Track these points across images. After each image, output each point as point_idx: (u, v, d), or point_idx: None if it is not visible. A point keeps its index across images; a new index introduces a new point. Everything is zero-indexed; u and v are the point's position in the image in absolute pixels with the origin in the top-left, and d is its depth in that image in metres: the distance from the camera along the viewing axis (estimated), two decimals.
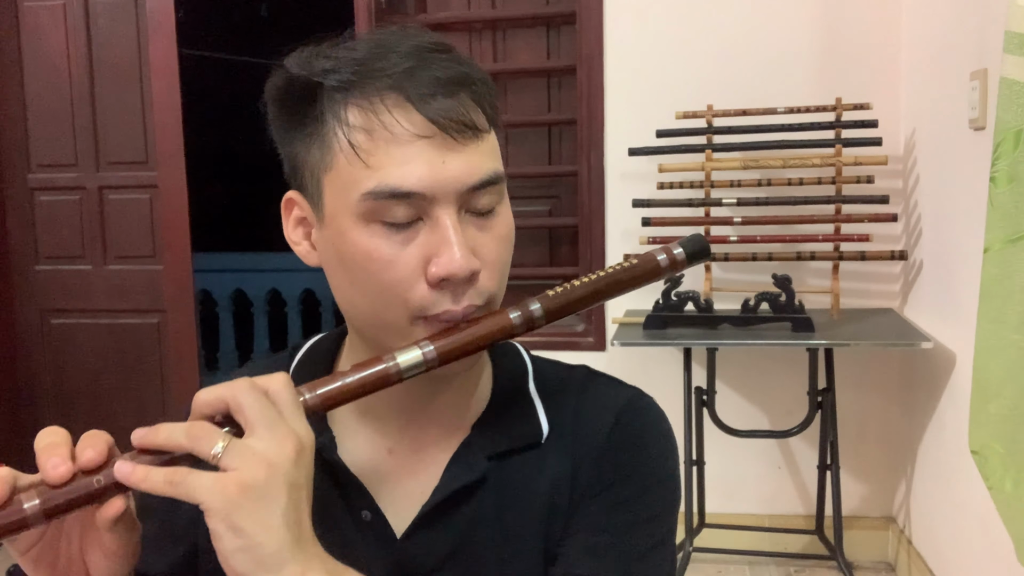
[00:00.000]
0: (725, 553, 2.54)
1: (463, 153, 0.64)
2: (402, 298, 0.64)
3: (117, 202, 3.11)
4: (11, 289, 3.18)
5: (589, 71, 2.67)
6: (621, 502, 0.71)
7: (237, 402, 0.57)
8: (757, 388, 2.67)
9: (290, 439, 0.57)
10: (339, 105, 0.64)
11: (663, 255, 0.68)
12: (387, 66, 0.63)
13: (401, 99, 0.63)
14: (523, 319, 0.65)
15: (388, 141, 0.62)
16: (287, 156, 0.70)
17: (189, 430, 0.57)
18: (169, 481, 0.55)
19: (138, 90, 3.02)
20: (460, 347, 0.64)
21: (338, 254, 0.66)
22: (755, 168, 2.44)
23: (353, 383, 0.62)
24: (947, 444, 2.16)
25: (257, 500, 0.54)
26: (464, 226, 0.64)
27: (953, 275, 2.10)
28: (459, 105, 0.64)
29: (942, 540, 2.22)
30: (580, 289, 0.67)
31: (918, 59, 2.40)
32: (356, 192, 0.63)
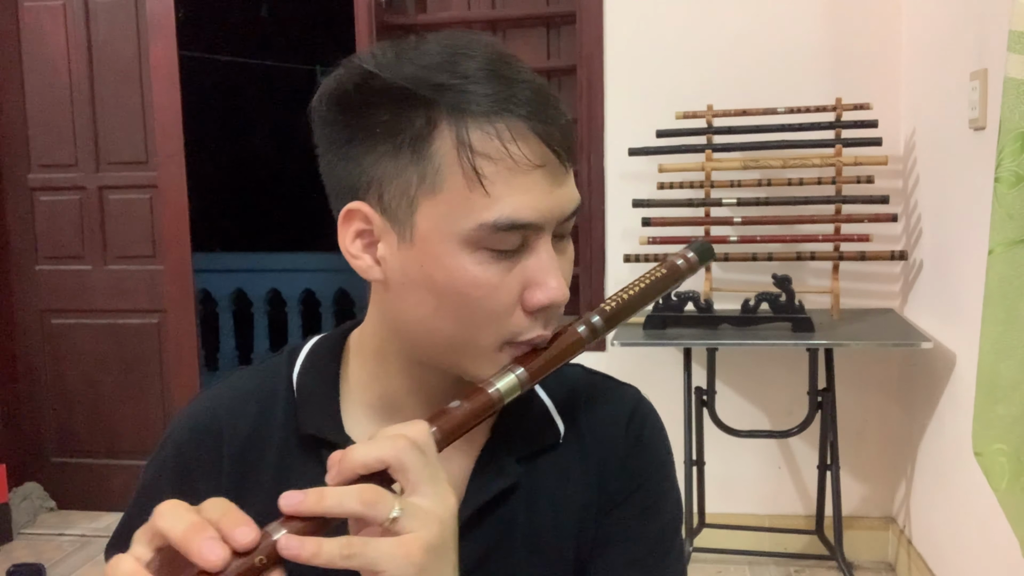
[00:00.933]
0: (725, 553, 2.54)
1: (566, 183, 0.65)
2: (500, 325, 0.64)
3: (117, 202, 3.11)
4: (11, 289, 3.18)
5: (589, 71, 2.67)
6: (648, 508, 0.74)
7: (401, 463, 0.55)
8: (757, 388, 2.67)
9: (449, 491, 0.57)
10: (458, 126, 0.61)
11: (681, 260, 0.71)
12: (495, 87, 0.62)
13: (521, 125, 0.61)
14: (588, 331, 0.68)
15: (511, 170, 0.61)
16: (358, 165, 0.65)
17: (361, 495, 0.54)
18: (346, 555, 0.52)
19: (138, 90, 3.02)
20: (545, 367, 0.66)
21: (427, 278, 0.64)
22: (755, 168, 2.44)
23: (467, 415, 0.62)
24: (947, 444, 2.16)
25: (439, 559, 0.55)
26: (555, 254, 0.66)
27: (953, 275, 2.10)
28: (561, 131, 0.64)
29: (942, 540, 2.22)
30: (630, 300, 0.70)
31: (918, 59, 2.41)
32: (472, 220, 0.61)
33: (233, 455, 0.73)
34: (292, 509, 0.54)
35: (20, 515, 3.06)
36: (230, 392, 0.78)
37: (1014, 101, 1.31)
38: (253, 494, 0.71)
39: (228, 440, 0.73)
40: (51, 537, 3.01)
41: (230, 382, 0.80)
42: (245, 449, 0.73)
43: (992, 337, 1.36)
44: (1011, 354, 1.33)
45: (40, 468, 3.21)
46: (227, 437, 0.73)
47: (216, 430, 0.74)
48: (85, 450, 3.18)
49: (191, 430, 0.75)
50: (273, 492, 0.69)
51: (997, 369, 1.35)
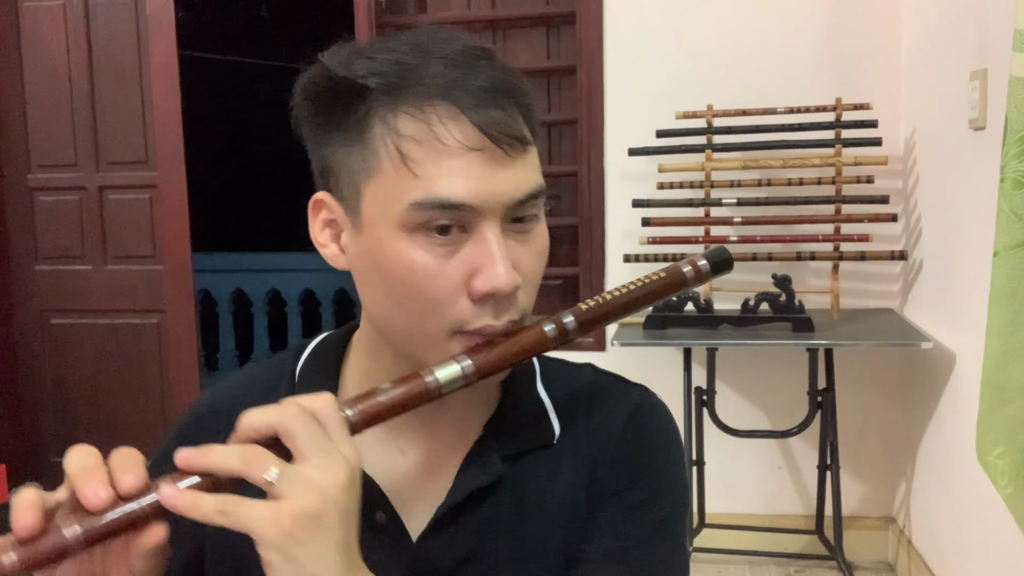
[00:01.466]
0: (725, 553, 2.54)
1: (511, 167, 0.63)
2: (443, 312, 0.63)
3: (117, 202, 3.11)
4: (11, 289, 3.18)
5: (589, 71, 2.67)
6: (638, 505, 0.71)
7: (287, 428, 0.56)
8: (757, 388, 2.67)
9: (342, 466, 0.56)
10: (388, 111, 0.63)
11: (688, 267, 0.68)
12: (436, 72, 0.62)
13: (453, 109, 0.62)
14: (557, 332, 0.65)
15: (439, 152, 0.61)
16: (319, 156, 0.68)
17: (242, 454, 0.55)
18: (220, 510, 0.54)
19: (138, 90, 3.02)
20: (497, 362, 0.64)
21: (375, 263, 0.65)
22: (755, 168, 2.44)
23: (394, 400, 0.61)
24: (947, 444, 2.16)
25: (312, 530, 0.54)
26: (505, 240, 0.64)
27: (953, 275, 2.10)
28: (509, 117, 0.63)
29: (942, 540, 2.22)
30: (612, 302, 0.67)
31: (918, 59, 2.40)
32: (402, 202, 0.62)
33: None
34: (182, 462, 0.55)
35: None
36: (238, 381, 0.80)
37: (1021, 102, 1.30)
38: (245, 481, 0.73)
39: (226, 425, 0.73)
40: None
41: (241, 372, 0.82)
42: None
43: (1000, 339, 1.35)
44: (1020, 356, 1.33)
45: (40, 468, 3.21)
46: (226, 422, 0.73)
47: (216, 416, 0.75)
48: None
49: (195, 415, 0.78)
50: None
51: (1006, 371, 1.34)
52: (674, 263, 0.69)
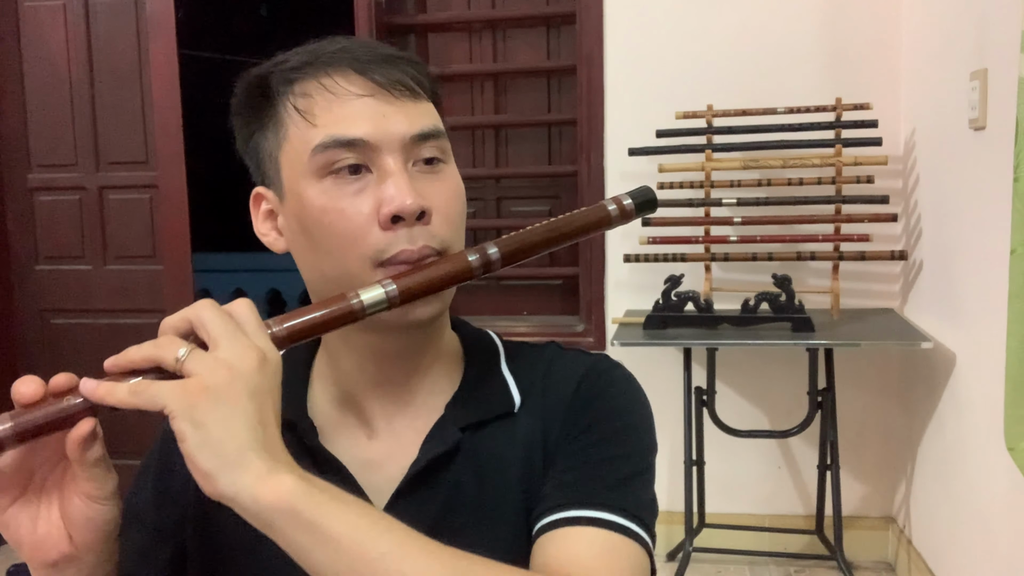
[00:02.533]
0: (725, 553, 2.54)
1: (403, 108, 0.69)
2: (359, 245, 0.67)
3: (117, 202, 3.11)
4: (11, 289, 3.18)
5: (589, 71, 2.67)
6: (590, 445, 0.72)
7: (200, 319, 0.59)
8: (757, 388, 2.67)
9: (252, 350, 0.58)
10: (286, 84, 0.70)
11: (613, 205, 0.71)
12: (332, 48, 0.70)
13: (344, 68, 0.69)
14: (481, 261, 0.67)
15: (331, 101, 0.68)
16: (251, 156, 0.74)
17: (155, 343, 0.59)
18: (133, 392, 0.58)
19: (138, 90, 3.02)
20: (421, 285, 0.66)
21: (299, 222, 0.70)
22: (755, 168, 2.44)
23: (318, 317, 0.64)
24: (947, 444, 2.16)
25: (218, 400, 0.56)
26: (412, 177, 0.68)
27: (953, 275, 2.10)
28: (396, 70, 0.70)
29: (942, 540, 2.22)
30: (535, 233, 0.69)
31: (918, 59, 2.40)
32: (306, 151, 0.68)
33: None
34: (108, 366, 0.60)
35: None
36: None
37: None
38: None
39: None
40: None
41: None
42: None
43: (1020, 335, 1.36)
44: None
45: None
46: None
47: None
48: None
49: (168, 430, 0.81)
50: None
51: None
52: (600, 201, 0.71)
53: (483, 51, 2.89)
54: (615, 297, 2.71)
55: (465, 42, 2.89)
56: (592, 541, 0.66)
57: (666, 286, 2.33)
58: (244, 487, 0.55)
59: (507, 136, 2.91)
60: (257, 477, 0.55)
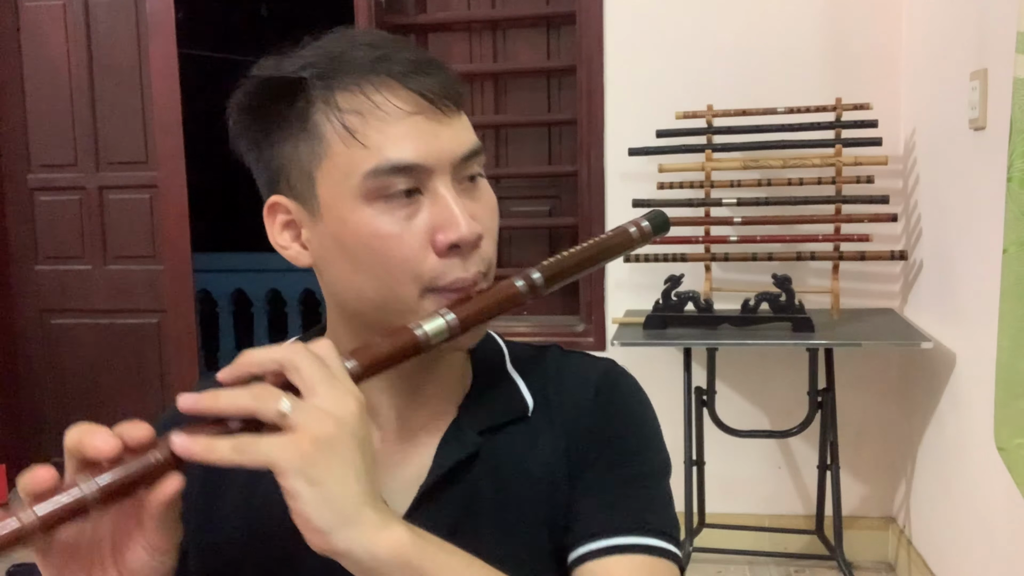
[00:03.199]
0: (725, 553, 2.54)
1: (451, 126, 0.67)
2: (413, 271, 0.66)
3: (117, 202, 3.11)
4: (11, 289, 3.18)
5: (589, 71, 2.67)
6: (616, 462, 0.73)
7: (293, 364, 0.56)
8: (757, 388, 2.67)
9: (350, 396, 0.57)
10: (327, 93, 0.66)
11: (633, 227, 0.72)
12: (364, 53, 0.66)
13: (387, 79, 0.65)
14: (527, 286, 0.68)
15: (382, 120, 0.65)
16: (265, 163, 0.70)
17: (252, 391, 0.56)
18: (238, 450, 0.54)
19: (138, 90, 3.02)
20: (477, 313, 0.66)
21: (339, 243, 0.67)
22: (755, 168, 2.44)
23: (386, 352, 0.62)
24: (947, 444, 2.16)
25: (330, 454, 0.54)
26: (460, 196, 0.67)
27: (953, 275, 2.10)
28: (439, 81, 0.67)
29: (942, 540, 2.22)
30: (572, 257, 0.70)
31: (918, 59, 2.41)
32: (357, 174, 0.65)
33: None
34: (188, 406, 0.56)
35: None
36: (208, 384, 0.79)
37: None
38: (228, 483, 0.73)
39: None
40: None
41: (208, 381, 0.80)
42: None
43: (1011, 334, 1.37)
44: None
45: None
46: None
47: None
48: None
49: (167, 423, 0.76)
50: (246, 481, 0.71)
51: (1017, 365, 1.36)
52: (620, 226, 0.73)
53: (483, 51, 2.89)
54: (615, 297, 2.71)
55: (465, 42, 2.89)
56: (636, 569, 0.68)
57: (666, 286, 2.33)
58: (361, 542, 0.54)
59: (507, 136, 2.91)
60: (373, 531, 0.55)
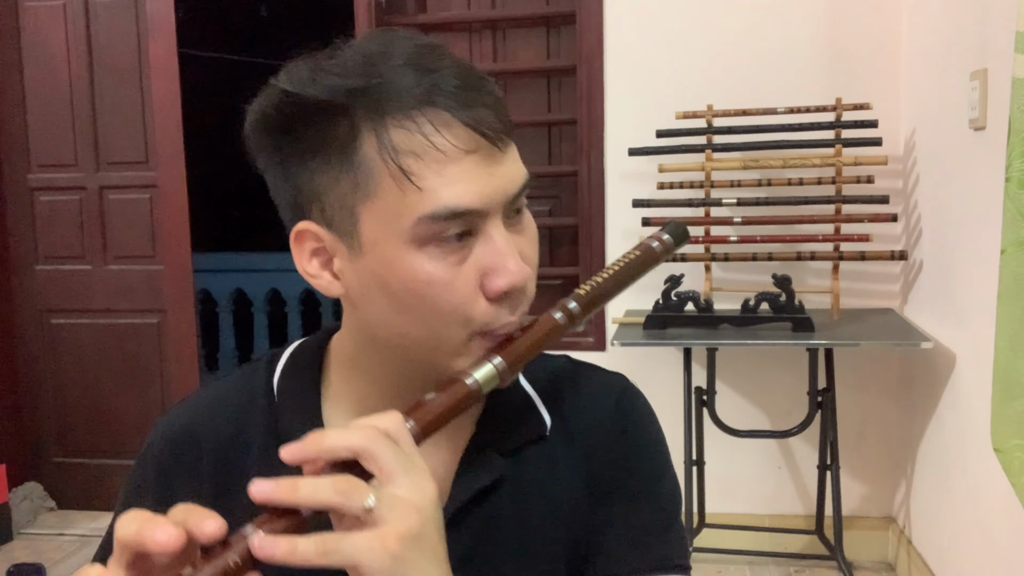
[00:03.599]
0: (725, 553, 2.54)
1: (504, 162, 0.64)
2: (463, 317, 0.63)
3: (117, 202, 3.11)
4: (11, 289, 3.18)
5: (589, 71, 2.67)
6: (642, 491, 0.74)
7: (370, 451, 0.54)
8: (757, 388, 2.67)
9: (427, 481, 0.55)
10: (376, 128, 0.61)
11: (656, 243, 0.72)
12: (411, 79, 0.61)
13: (441, 113, 0.61)
14: (566, 318, 0.66)
15: (439, 161, 0.60)
16: (294, 185, 0.65)
17: (335, 485, 0.52)
18: (321, 551, 0.51)
19: (138, 90, 3.02)
20: (523, 355, 0.64)
21: (382, 283, 0.63)
22: (755, 168, 2.44)
23: (445, 407, 0.61)
24: (947, 444, 2.16)
25: (417, 550, 0.53)
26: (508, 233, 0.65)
27: (953, 275, 2.10)
28: (492, 112, 0.63)
29: (942, 540, 2.22)
30: (606, 283, 0.69)
31: (918, 59, 2.40)
32: (409, 217, 0.61)
33: (213, 461, 0.72)
34: (264, 497, 0.52)
35: (20, 515, 3.06)
36: (206, 400, 0.76)
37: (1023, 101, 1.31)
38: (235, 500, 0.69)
39: (207, 447, 0.72)
40: (51, 537, 3.01)
41: (207, 389, 0.78)
42: (225, 455, 0.72)
43: (1008, 335, 1.36)
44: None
45: (40, 468, 3.21)
46: (205, 443, 0.72)
47: (194, 438, 0.73)
48: (85, 450, 3.18)
49: (169, 440, 0.74)
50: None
51: (1015, 366, 1.36)
52: (642, 242, 0.72)
53: (483, 51, 2.89)
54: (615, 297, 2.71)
55: (465, 42, 2.89)
56: None
57: (666, 286, 2.33)
58: None
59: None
60: None
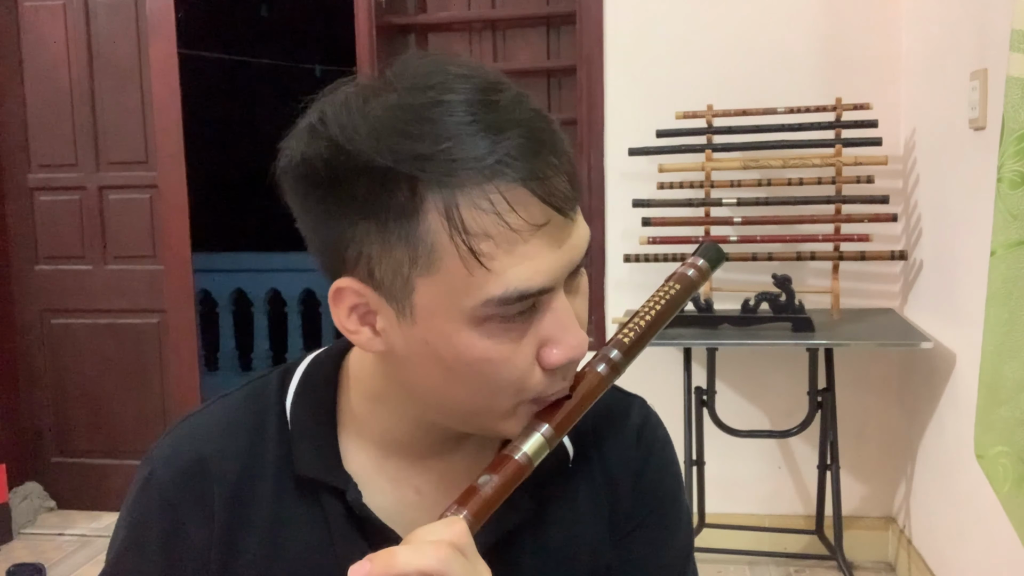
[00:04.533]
0: (725, 553, 2.54)
1: (573, 231, 0.60)
2: (517, 388, 0.61)
3: (117, 202, 3.11)
4: (11, 289, 3.18)
5: (589, 71, 2.67)
6: (668, 525, 0.74)
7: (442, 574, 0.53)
8: (757, 388, 2.67)
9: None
10: (447, 204, 0.55)
11: (692, 270, 0.69)
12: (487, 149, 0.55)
13: (519, 190, 0.55)
14: (609, 370, 0.65)
15: (511, 241, 0.56)
16: (337, 241, 0.60)
17: None
18: None
19: (138, 90, 3.02)
20: (570, 418, 0.63)
21: (434, 353, 0.60)
22: (755, 168, 2.44)
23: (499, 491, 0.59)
24: (947, 444, 2.16)
25: None
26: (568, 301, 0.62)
27: (953, 275, 2.10)
28: (562, 179, 0.58)
29: (942, 540, 2.22)
30: (646, 327, 0.67)
31: (918, 59, 2.40)
32: (475, 299, 0.57)
33: (225, 496, 0.68)
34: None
35: (20, 515, 3.06)
36: (215, 424, 0.71)
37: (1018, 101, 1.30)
38: (247, 535, 0.68)
39: (217, 479, 0.68)
40: (51, 537, 3.01)
41: (214, 410, 0.73)
42: (237, 489, 0.68)
43: (996, 339, 1.35)
44: (1015, 355, 1.32)
45: (40, 468, 3.21)
46: (215, 475, 0.68)
47: (203, 469, 0.68)
48: (85, 450, 3.18)
49: (175, 471, 0.69)
50: (268, 534, 0.67)
51: (1001, 371, 1.35)
52: (677, 271, 0.69)
53: (483, 51, 2.89)
54: (615, 297, 2.71)
55: (465, 42, 2.89)
56: None
57: None
58: None
59: None
60: None
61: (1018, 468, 1.35)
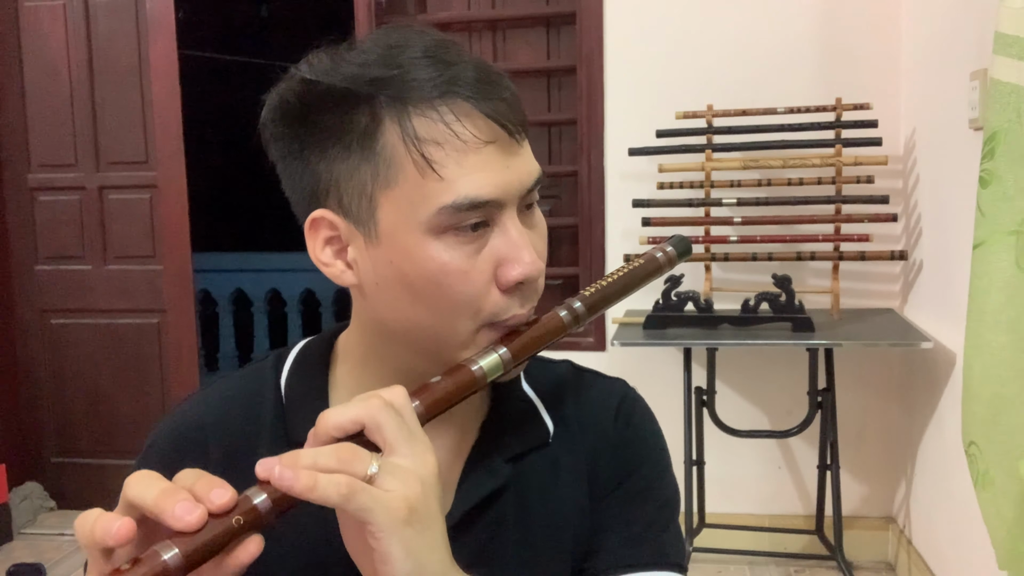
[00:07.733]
0: (725, 553, 2.54)
1: (519, 154, 0.65)
2: (475, 307, 0.64)
3: (117, 202, 3.11)
4: (11, 289, 3.18)
5: (589, 71, 2.67)
6: (641, 491, 0.75)
7: (376, 422, 0.55)
8: (757, 388, 2.67)
9: (429, 453, 0.56)
10: (399, 117, 0.62)
11: (660, 253, 0.74)
12: (432, 71, 0.62)
13: (461, 103, 0.62)
14: (571, 317, 0.68)
15: (460, 151, 0.62)
16: (312, 174, 0.65)
17: (337, 453, 0.54)
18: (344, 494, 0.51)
19: (138, 90, 3.02)
20: (528, 347, 0.66)
21: (398, 272, 0.64)
22: (755, 168, 2.44)
23: (449, 391, 0.62)
24: (947, 444, 2.16)
25: (420, 520, 0.54)
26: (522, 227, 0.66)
27: (953, 275, 2.10)
28: (510, 105, 0.64)
29: (942, 540, 2.22)
30: (610, 287, 0.70)
31: (918, 59, 2.41)
32: (430, 207, 0.62)
33: (220, 462, 0.70)
34: (267, 472, 0.53)
35: (20, 515, 3.06)
36: (214, 397, 0.76)
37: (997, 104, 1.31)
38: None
39: (214, 446, 0.72)
40: (51, 537, 3.01)
41: (213, 387, 0.78)
42: (232, 455, 0.71)
43: (969, 335, 1.38)
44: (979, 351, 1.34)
45: (40, 468, 3.21)
46: (212, 443, 0.72)
47: (201, 434, 0.72)
48: (85, 450, 3.18)
49: (175, 439, 0.73)
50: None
51: (972, 366, 1.37)
52: (648, 252, 0.75)
53: (483, 51, 2.89)
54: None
55: (465, 42, 2.89)
56: None
57: (666, 286, 2.33)
58: None
59: None
60: None
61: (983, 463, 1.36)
